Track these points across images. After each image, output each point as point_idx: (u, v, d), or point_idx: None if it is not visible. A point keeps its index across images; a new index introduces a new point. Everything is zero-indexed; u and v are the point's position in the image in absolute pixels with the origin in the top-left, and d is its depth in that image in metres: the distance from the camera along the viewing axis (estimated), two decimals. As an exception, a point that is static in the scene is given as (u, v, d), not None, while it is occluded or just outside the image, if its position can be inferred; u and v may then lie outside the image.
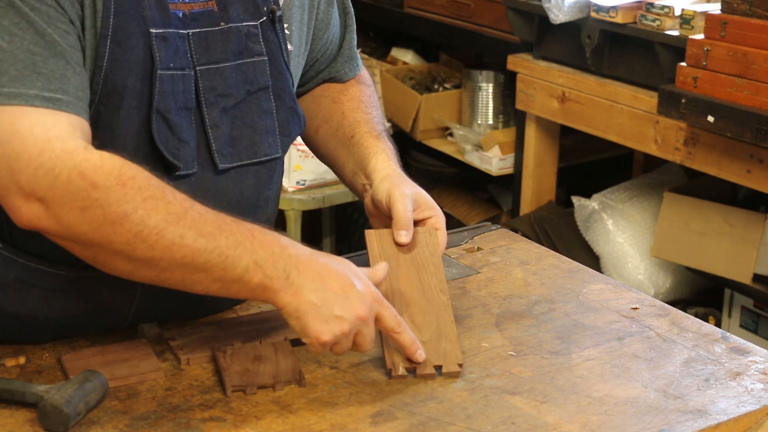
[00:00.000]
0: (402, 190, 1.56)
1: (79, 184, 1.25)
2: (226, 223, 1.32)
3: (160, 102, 1.39)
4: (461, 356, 1.44)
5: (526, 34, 3.46)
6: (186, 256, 1.29)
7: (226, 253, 1.30)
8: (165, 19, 1.40)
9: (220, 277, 1.31)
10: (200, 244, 1.29)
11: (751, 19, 2.63)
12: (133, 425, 1.30)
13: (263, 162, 1.52)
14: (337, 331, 1.33)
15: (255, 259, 1.31)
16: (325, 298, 1.33)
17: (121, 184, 1.27)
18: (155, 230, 1.27)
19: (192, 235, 1.29)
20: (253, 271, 1.31)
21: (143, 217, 1.27)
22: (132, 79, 1.38)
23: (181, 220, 1.29)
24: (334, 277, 1.35)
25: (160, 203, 1.28)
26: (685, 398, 1.38)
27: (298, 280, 1.33)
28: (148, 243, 1.27)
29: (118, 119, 1.38)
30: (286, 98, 1.54)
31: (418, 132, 3.94)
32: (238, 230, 1.32)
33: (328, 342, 1.33)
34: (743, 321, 3.14)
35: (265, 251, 1.32)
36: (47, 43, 1.30)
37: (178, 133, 1.42)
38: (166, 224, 1.28)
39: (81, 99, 1.32)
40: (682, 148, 2.94)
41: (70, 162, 1.26)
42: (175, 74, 1.41)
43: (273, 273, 1.32)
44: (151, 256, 1.29)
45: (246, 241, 1.32)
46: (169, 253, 1.28)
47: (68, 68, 1.31)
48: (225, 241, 1.30)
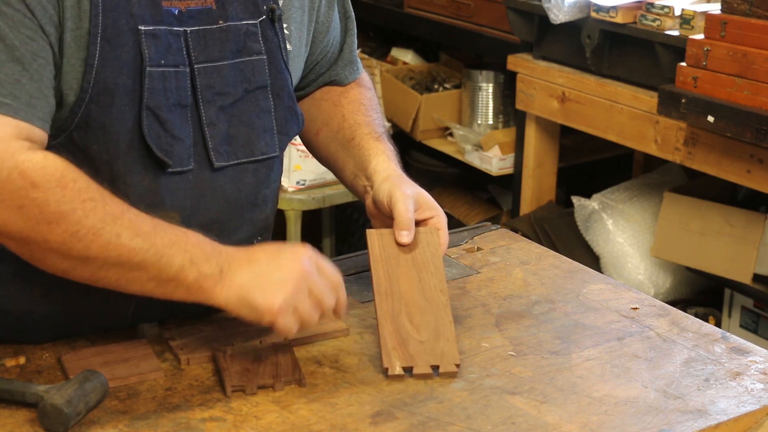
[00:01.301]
0: (403, 191, 1.56)
1: (18, 183, 1.27)
2: (160, 225, 1.34)
3: (150, 99, 1.40)
4: (458, 356, 1.44)
5: (526, 34, 3.46)
6: (122, 255, 1.31)
7: (161, 251, 1.32)
8: (156, 17, 1.40)
9: (156, 276, 1.33)
10: (136, 243, 1.31)
11: (751, 19, 2.63)
12: (133, 425, 1.30)
13: (260, 160, 1.53)
14: (284, 294, 1.34)
15: (190, 257, 1.33)
16: (258, 272, 1.35)
17: (62, 186, 1.28)
18: (92, 230, 1.29)
19: (128, 234, 1.31)
20: (188, 269, 1.33)
21: (81, 218, 1.28)
22: (123, 77, 1.38)
23: (118, 220, 1.31)
24: (260, 253, 1.38)
25: (98, 204, 1.30)
26: (685, 398, 1.38)
27: (230, 272, 1.35)
28: (84, 242, 1.29)
29: (110, 117, 1.39)
30: (285, 97, 1.54)
31: (418, 132, 3.94)
32: (172, 231, 1.34)
33: (282, 307, 1.34)
34: (743, 321, 3.14)
35: (198, 250, 1.34)
36: (6, 47, 1.30)
37: (170, 130, 1.42)
38: (103, 224, 1.29)
39: (34, 107, 1.32)
40: (682, 148, 2.94)
41: (12, 161, 1.27)
42: (167, 71, 1.41)
43: (207, 270, 1.34)
44: (87, 255, 1.30)
45: (180, 241, 1.34)
46: (105, 252, 1.30)
47: (24, 74, 1.31)
48: (160, 240, 1.32)
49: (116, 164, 1.39)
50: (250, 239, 1.59)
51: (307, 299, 1.37)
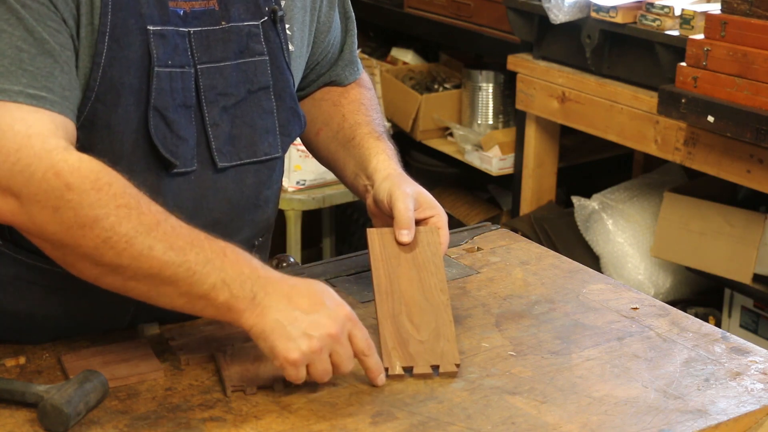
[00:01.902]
0: (403, 190, 1.56)
1: (53, 184, 1.25)
2: (198, 239, 1.31)
3: (157, 99, 1.40)
4: (458, 356, 1.44)
5: (526, 34, 3.46)
6: (153, 268, 1.28)
7: (194, 268, 1.29)
8: (163, 17, 1.40)
9: (186, 293, 1.30)
10: (169, 257, 1.28)
11: (751, 19, 2.63)
12: (133, 425, 1.30)
13: (263, 161, 1.53)
14: (305, 349, 1.30)
15: (223, 277, 1.30)
16: (292, 317, 1.31)
17: (96, 189, 1.26)
18: (125, 238, 1.27)
19: (161, 247, 1.28)
20: (220, 289, 1.30)
21: (114, 224, 1.26)
22: (129, 76, 1.38)
23: (152, 232, 1.28)
24: (302, 296, 1.33)
25: (133, 212, 1.28)
26: (685, 398, 1.38)
27: (265, 300, 1.31)
28: (116, 250, 1.27)
29: (116, 116, 1.39)
30: (287, 98, 1.54)
31: (418, 132, 3.94)
32: (209, 247, 1.31)
33: (298, 360, 1.30)
34: (743, 321, 3.14)
35: (234, 271, 1.31)
36: (36, 41, 1.30)
37: (176, 131, 1.42)
38: (137, 234, 1.27)
39: (67, 98, 1.32)
40: (682, 148, 2.94)
41: (48, 161, 1.26)
42: (174, 72, 1.41)
43: (240, 293, 1.30)
44: (118, 264, 1.28)
45: (216, 259, 1.30)
46: (137, 262, 1.28)
47: (56, 67, 1.31)
48: (195, 257, 1.29)
49: (120, 164, 1.39)
50: (251, 240, 1.60)
51: (325, 361, 1.33)
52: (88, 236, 1.26)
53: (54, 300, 1.47)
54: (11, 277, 1.46)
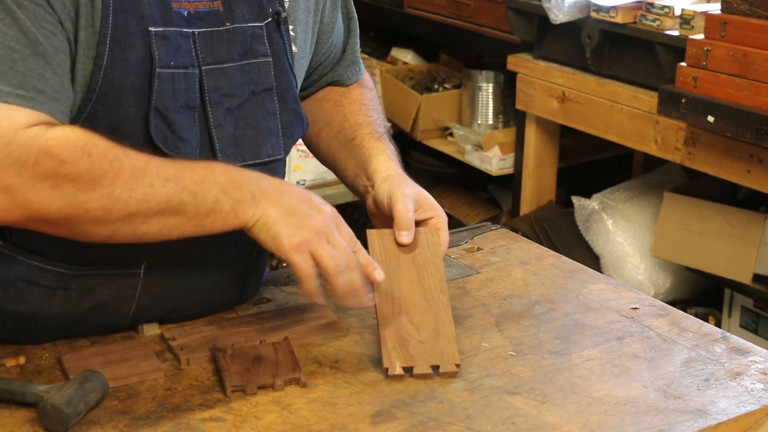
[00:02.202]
0: (403, 191, 1.56)
1: (47, 164, 1.27)
2: (185, 164, 1.36)
3: (158, 100, 1.40)
4: (458, 356, 1.44)
5: (526, 34, 3.46)
6: (160, 203, 1.33)
7: (194, 190, 1.35)
8: (166, 18, 1.40)
9: (194, 215, 1.35)
10: (170, 188, 1.33)
11: (751, 19, 2.63)
12: (133, 425, 1.30)
13: (266, 163, 1.53)
14: (304, 234, 1.37)
15: (222, 188, 1.36)
16: (289, 208, 1.39)
17: (87, 153, 1.29)
18: (126, 187, 1.30)
19: (160, 181, 1.33)
20: (223, 199, 1.36)
21: (113, 179, 1.30)
22: (131, 78, 1.38)
23: (146, 171, 1.32)
24: (294, 191, 1.42)
25: (124, 161, 1.31)
26: (685, 398, 1.38)
27: (263, 198, 1.38)
28: (122, 201, 1.30)
29: (117, 117, 1.39)
30: (290, 100, 1.54)
31: (418, 132, 3.94)
32: (198, 166, 1.37)
33: (300, 244, 1.36)
34: (743, 321, 3.14)
35: (228, 179, 1.37)
36: (29, 42, 1.30)
37: (178, 132, 1.42)
38: (134, 179, 1.31)
39: (57, 100, 1.33)
40: (682, 148, 2.94)
41: (36, 145, 1.27)
42: (177, 73, 1.41)
43: (240, 196, 1.37)
44: (128, 213, 1.32)
45: (209, 175, 1.36)
46: (144, 204, 1.32)
47: (47, 69, 1.32)
48: (190, 179, 1.35)
49: None
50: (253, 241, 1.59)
51: (325, 246, 1.39)
52: (93, 199, 1.29)
53: (54, 300, 1.47)
54: (12, 277, 1.46)
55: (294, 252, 1.37)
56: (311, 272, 1.38)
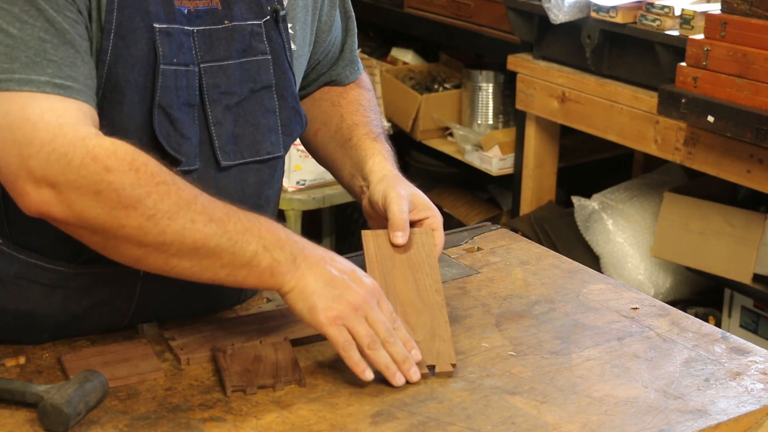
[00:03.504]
0: (398, 191, 1.56)
1: (92, 169, 1.26)
2: (233, 210, 1.35)
3: (162, 97, 1.40)
4: (454, 356, 1.44)
5: (526, 34, 3.46)
6: (197, 241, 1.30)
7: (235, 238, 1.32)
8: (169, 15, 1.41)
9: (229, 263, 1.33)
10: (210, 229, 1.31)
11: (751, 19, 2.63)
12: (133, 425, 1.30)
13: (265, 160, 1.53)
14: (342, 307, 1.35)
15: (263, 243, 1.34)
16: (330, 279, 1.36)
17: (134, 170, 1.28)
18: (167, 214, 1.28)
19: (203, 220, 1.31)
20: (262, 255, 1.34)
21: (156, 201, 1.28)
22: (135, 74, 1.38)
23: (191, 206, 1.30)
24: (338, 263, 1.40)
25: (171, 189, 1.30)
26: (685, 398, 1.38)
27: (304, 264, 1.36)
28: (160, 227, 1.29)
29: (121, 114, 1.39)
30: (289, 97, 1.54)
31: (418, 132, 3.94)
32: (245, 217, 1.35)
33: (336, 318, 1.35)
34: (743, 321, 3.14)
35: (272, 236, 1.35)
36: (57, 31, 1.30)
37: (179, 129, 1.42)
38: (178, 209, 1.29)
39: (90, 87, 1.33)
40: (682, 148, 2.94)
41: (83, 147, 1.27)
42: (179, 70, 1.41)
43: (281, 257, 1.35)
44: (162, 241, 1.30)
45: (253, 227, 1.34)
46: (181, 237, 1.30)
47: (77, 56, 1.32)
48: (234, 226, 1.33)
49: None
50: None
51: (362, 322, 1.36)
52: (132, 216, 1.28)
53: (54, 299, 1.47)
54: (12, 275, 1.46)
55: (330, 326, 1.35)
56: (349, 345, 1.36)
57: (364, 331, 1.36)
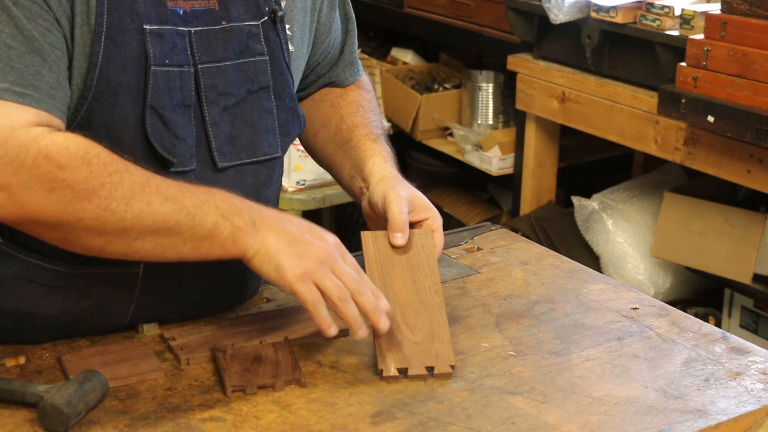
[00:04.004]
0: (397, 192, 1.56)
1: (45, 168, 1.27)
2: (186, 186, 1.36)
3: (154, 98, 1.40)
4: (453, 357, 1.43)
5: (526, 34, 3.46)
6: (156, 222, 1.32)
7: (193, 212, 1.34)
8: (161, 16, 1.40)
9: (191, 236, 1.34)
10: (167, 208, 1.32)
11: (751, 19, 2.63)
12: (133, 425, 1.30)
13: (263, 161, 1.53)
14: (308, 263, 1.36)
15: (221, 213, 1.35)
16: (291, 238, 1.38)
17: (87, 162, 1.29)
18: (123, 201, 1.30)
19: (158, 200, 1.32)
20: (222, 224, 1.35)
21: (110, 191, 1.29)
22: (126, 75, 1.38)
23: (146, 188, 1.32)
24: (293, 221, 1.41)
25: (124, 175, 1.31)
26: (685, 398, 1.38)
27: (264, 226, 1.37)
28: (117, 214, 1.30)
29: (113, 116, 1.39)
30: (287, 98, 1.54)
31: (418, 132, 3.94)
32: (199, 190, 1.36)
33: (304, 274, 1.35)
34: (743, 321, 3.14)
35: (228, 205, 1.36)
36: (25, 39, 1.30)
37: (173, 130, 1.42)
38: (132, 194, 1.30)
39: (54, 97, 1.33)
40: (682, 148, 2.94)
41: (35, 147, 1.27)
42: (172, 71, 1.41)
43: (240, 222, 1.36)
44: (122, 227, 1.31)
45: (209, 199, 1.36)
46: (139, 221, 1.31)
47: (44, 65, 1.32)
48: (189, 201, 1.34)
49: None
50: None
51: (329, 276, 1.38)
52: (88, 209, 1.29)
53: (54, 299, 1.47)
54: (11, 275, 1.46)
55: (298, 282, 1.36)
56: (318, 301, 1.37)
57: (333, 284, 1.37)
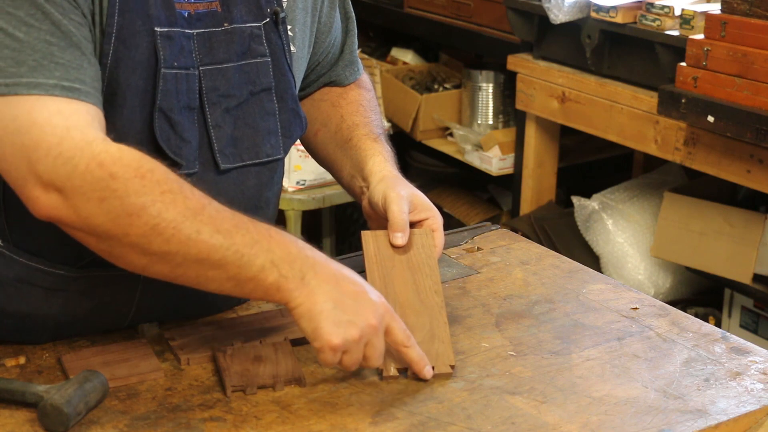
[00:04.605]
0: (398, 192, 1.56)
1: (97, 174, 1.25)
2: (243, 222, 1.31)
3: (162, 101, 1.40)
4: (453, 358, 1.43)
5: (526, 34, 3.46)
6: (202, 252, 1.28)
7: (242, 251, 1.29)
8: (170, 18, 1.40)
9: (235, 275, 1.30)
10: (216, 241, 1.28)
11: (751, 19, 2.63)
12: (133, 425, 1.30)
13: (265, 163, 1.53)
14: (348, 336, 1.31)
15: (271, 258, 1.30)
16: (339, 302, 1.31)
17: (140, 176, 1.26)
18: (172, 224, 1.26)
19: (208, 230, 1.28)
20: (269, 270, 1.30)
21: (161, 210, 1.26)
22: (135, 78, 1.38)
23: (198, 216, 1.28)
24: (349, 283, 1.34)
25: (178, 197, 1.28)
26: (685, 398, 1.38)
27: (314, 281, 1.31)
28: (164, 236, 1.27)
29: (121, 117, 1.39)
30: (289, 99, 1.54)
31: (418, 132, 3.94)
32: (255, 229, 1.31)
33: (339, 346, 1.31)
34: (743, 321, 3.14)
35: (281, 251, 1.31)
36: (63, 34, 1.30)
37: (180, 133, 1.42)
38: (184, 219, 1.27)
39: (96, 89, 1.33)
40: (682, 148, 2.94)
41: (89, 152, 1.26)
42: (179, 73, 1.41)
43: (289, 273, 1.30)
44: (167, 251, 1.28)
45: (263, 240, 1.31)
46: (185, 248, 1.28)
47: (84, 59, 1.31)
48: (241, 239, 1.29)
49: None
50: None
51: (360, 351, 1.34)
52: (136, 224, 1.26)
53: (54, 301, 1.47)
54: (12, 278, 1.46)
55: (329, 351, 1.31)
56: (334, 365, 1.34)
57: (353, 361, 1.34)
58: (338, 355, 1.32)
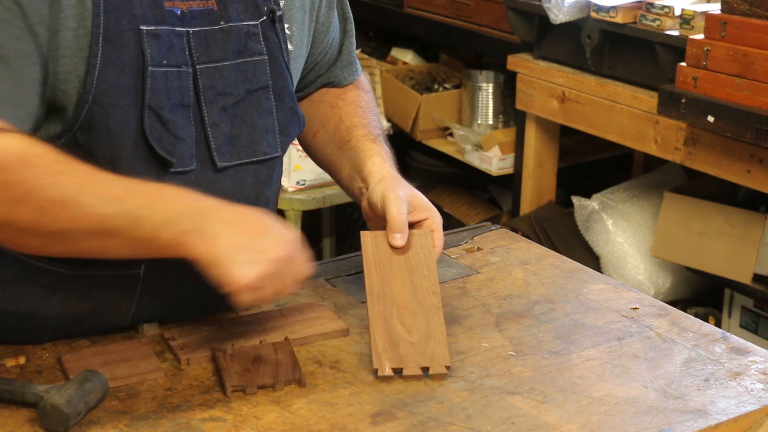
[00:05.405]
0: (396, 193, 1.56)
1: None
2: (134, 186, 1.32)
3: (152, 99, 1.39)
4: (449, 358, 1.43)
5: (526, 34, 3.46)
6: (96, 224, 1.29)
7: (135, 214, 1.29)
8: (158, 17, 1.40)
9: (135, 239, 1.31)
10: (109, 209, 1.29)
11: (751, 19, 2.63)
12: (133, 425, 1.30)
13: (263, 161, 1.53)
14: (258, 272, 1.32)
15: (165, 216, 1.30)
16: (242, 243, 1.32)
17: (26, 164, 1.27)
18: (58, 204, 1.27)
19: (99, 201, 1.29)
20: (167, 227, 1.30)
21: (48, 192, 1.27)
22: (125, 77, 1.38)
23: (87, 189, 1.29)
24: (249, 222, 1.35)
25: (65, 176, 1.28)
26: (685, 398, 1.38)
27: (212, 229, 1.32)
28: (52, 217, 1.27)
29: (114, 118, 1.38)
30: (286, 98, 1.54)
31: (418, 132, 3.94)
32: (146, 191, 1.32)
33: (249, 286, 1.31)
34: (743, 321, 3.14)
35: (177, 206, 1.32)
36: None
37: (172, 130, 1.42)
38: (71, 196, 1.28)
39: (11, 104, 1.31)
40: (682, 148, 2.94)
41: None
42: (169, 71, 1.41)
43: (188, 225, 1.31)
44: (60, 229, 1.29)
45: (154, 201, 1.31)
46: (77, 223, 1.29)
47: (7, 73, 1.31)
48: (134, 202, 1.30)
49: (120, 165, 1.39)
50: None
51: (275, 284, 1.34)
52: (24, 210, 1.27)
53: (54, 300, 1.47)
54: (11, 277, 1.46)
55: (240, 292, 1.32)
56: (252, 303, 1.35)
57: (271, 295, 1.35)
58: (252, 294, 1.33)
